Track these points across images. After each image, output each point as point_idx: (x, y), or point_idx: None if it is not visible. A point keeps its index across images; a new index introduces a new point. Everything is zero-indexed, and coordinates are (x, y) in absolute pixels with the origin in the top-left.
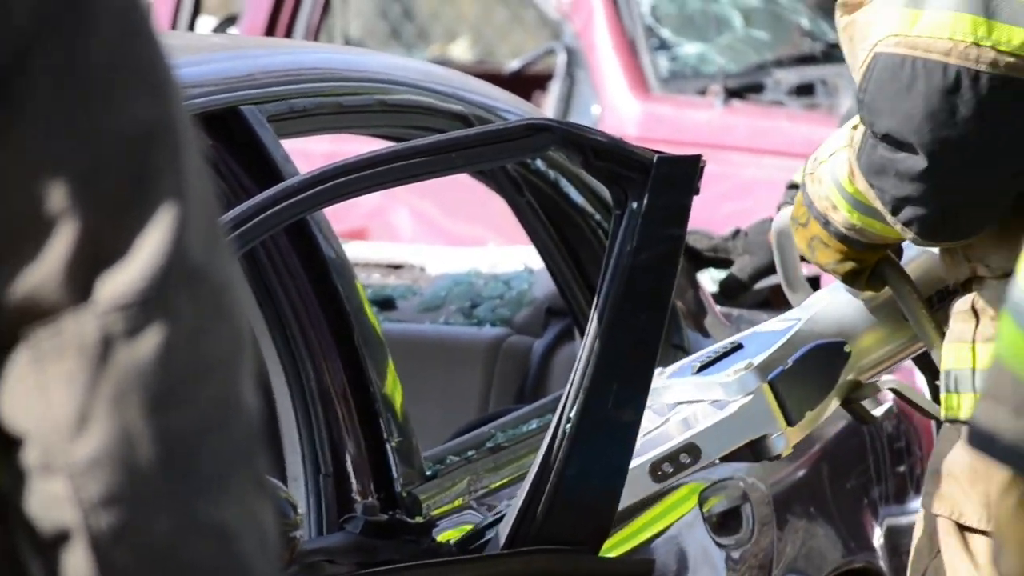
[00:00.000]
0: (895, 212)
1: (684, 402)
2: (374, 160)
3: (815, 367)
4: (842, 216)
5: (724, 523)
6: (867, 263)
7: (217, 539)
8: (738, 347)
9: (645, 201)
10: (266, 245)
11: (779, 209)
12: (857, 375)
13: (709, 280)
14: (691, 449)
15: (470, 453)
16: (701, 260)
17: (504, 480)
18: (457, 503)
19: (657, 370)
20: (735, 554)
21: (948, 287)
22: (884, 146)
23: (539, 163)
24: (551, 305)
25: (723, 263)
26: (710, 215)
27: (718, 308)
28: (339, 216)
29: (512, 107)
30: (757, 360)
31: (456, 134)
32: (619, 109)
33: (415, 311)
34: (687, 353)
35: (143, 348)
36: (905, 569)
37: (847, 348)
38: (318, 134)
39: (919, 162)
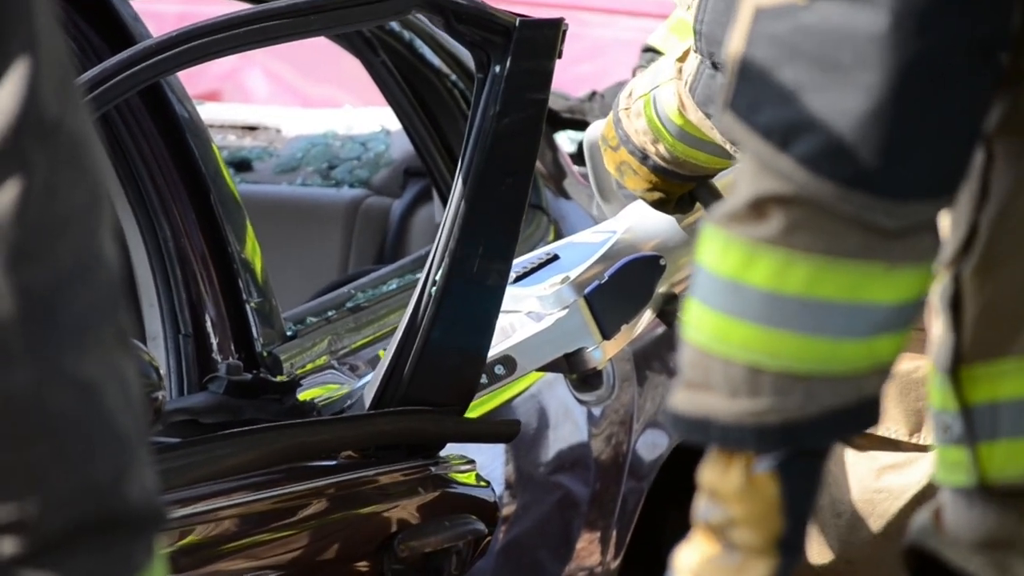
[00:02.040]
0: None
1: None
2: (231, 22)
3: (631, 281)
4: (663, 148)
5: (585, 380)
6: (675, 194)
7: (81, 392)
8: (554, 258)
9: (507, 65)
10: (120, 107)
11: (634, 73)
12: (672, 287)
13: (567, 141)
14: (506, 361)
15: (330, 313)
16: (558, 122)
17: (365, 340)
18: (319, 362)
19: None
20: (596, 411)
21: None
22: (722, 75)
23: (393, 24)
24: (409, 166)
25: (580, 124)
26: (565, 77)
27: (576, 169)
28: (192, 78)
29: None
30: (573, 274)
31: None
32: None
33: (271, 172)
34: (546, 213)
35: None
36: None
37: (662, 261)
38: None
39: None
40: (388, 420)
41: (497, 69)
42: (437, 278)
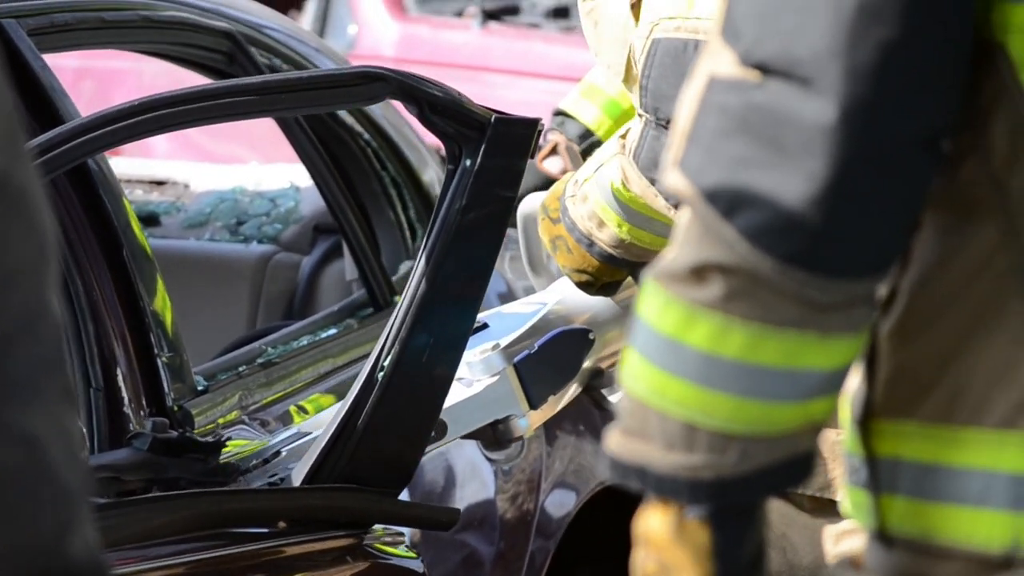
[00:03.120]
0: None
1: None
2: (200, 95)
3: (560, 352)
4: (609, 233)
5: (496, 438)
6: (600, 280)
7: (25, 446)
8: (483, 326)
9: (478, 160)
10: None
11: (545, 136)
12: (599, 362)
13: None
14: (438, 425)
15: (241, 368)
16: None
17: (276, 395)
18: (230, 417)
19: None
20: (504, 468)
21: None
22: (669, 133)
23: None
24: (319, 222)
25: None
26: None
27: None
28: None
29: (278, 26)
30: (504, 342)
31: (288, 75)
32: (375, 29)
33: (179, 227)
34: None
35: None
36: None
37: (591, 335)
38: (80, 49)
39: None
40: (323, 496)
41: (468, 163)
42: (386, 364)
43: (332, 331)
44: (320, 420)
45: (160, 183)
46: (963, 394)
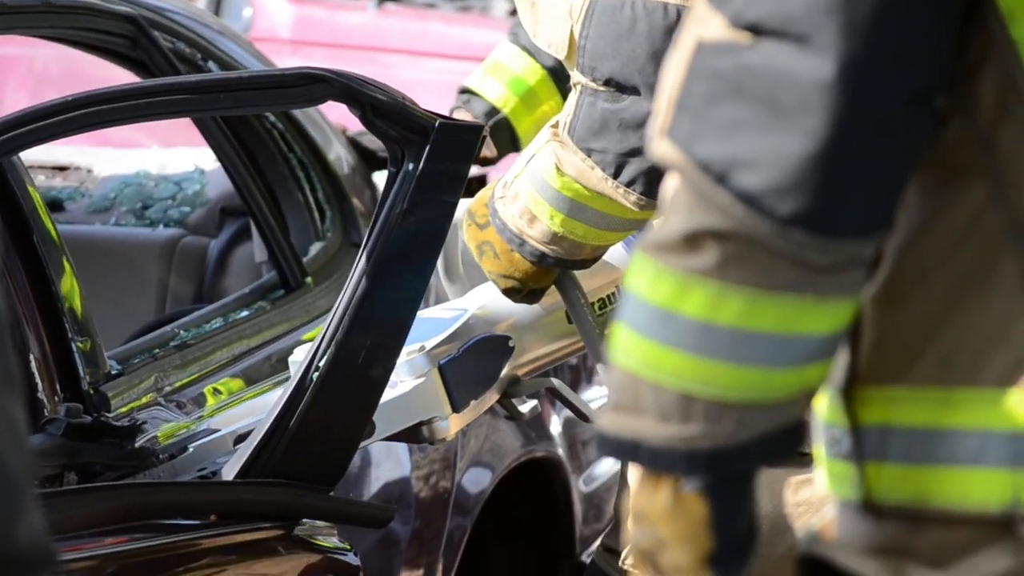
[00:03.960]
0: (618, 171)
1: None
2: (136, 91)
3: (481, 358)
4: (541, 228)
5: None
6: (527, 286)
7: None
8: None
9: (421, 165)
10: None
11: (451, 112)
12: (516, 370)
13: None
14: None
15: (156, 351)
16: (375, 161)
17: (192, 377)
18: (145, 400)
19: (309, 345)
20: (419, 448)
21: (613, 295)
22: (605, 95)
23: (212, 63)
24: (225, 205)
25: None
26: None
27: None
28: None
29: (181, 9)
30: (429, 344)
31: (227, 75)
32: (271, 11)
33: (84, 213)
34: None
35: None
36: (579, 456)
37: (511, 343)
38: None
39: (643, 106)
40: (257, 490)
41: (410, 167)
42: (321, 364)
43: (244, 313)
44: (232, 416)
45: (63, 168)
46: (956, 355)
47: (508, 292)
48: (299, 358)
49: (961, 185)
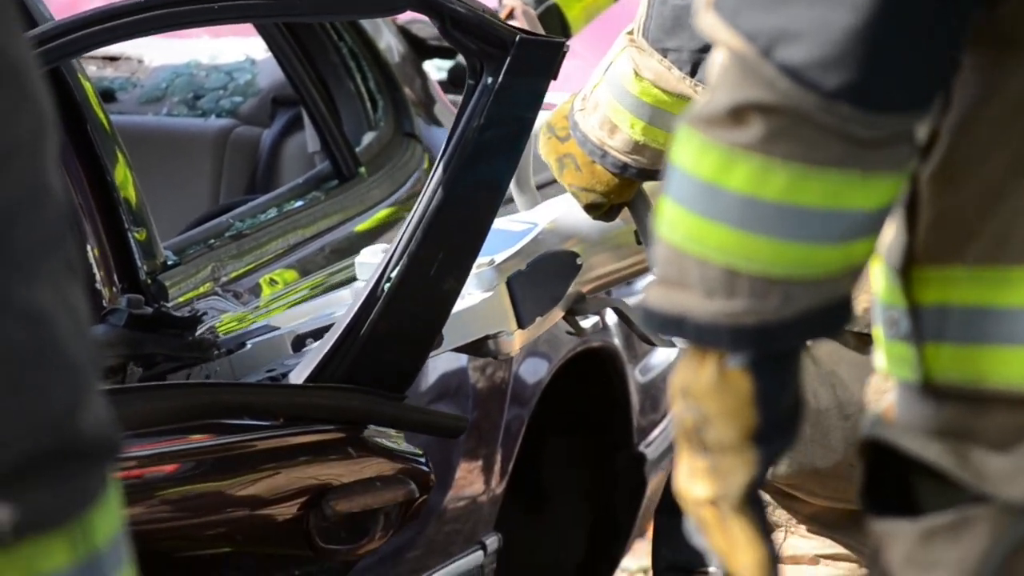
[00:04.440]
0: (695, 68)
1: None
2: None
3: (549, 274)
4: (623, 137)
5: None
6: (609, 200)
7: (31, 322)
8: None
9: (499, 79)
10: None
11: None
12: (581, 287)
13: (434, 69)
14: None
15: (212, 242)
16: (426, 49)
17: (248, 267)
18: (202, 290)
19: (380, 245)
20: None
21: None
22: None
23: None
24: (277, 95)
25: (448, 52)
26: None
27: (446, 96)
28: None
29: None
30: (499, 258)
31: None
32: None
33: (136, 103)
34: (419, 141)
35: None
36: (635, 346)
37: (579, 261)
38: None
39: None
40: (327, 394)
41: (489, 81)
42: (393, 275)
43: (298, 203)
44: (289, 315)
45: (114, 59)
46: (1013, 233)
47: (589, 208)
48: (366, 259)
49: (1017, 60)
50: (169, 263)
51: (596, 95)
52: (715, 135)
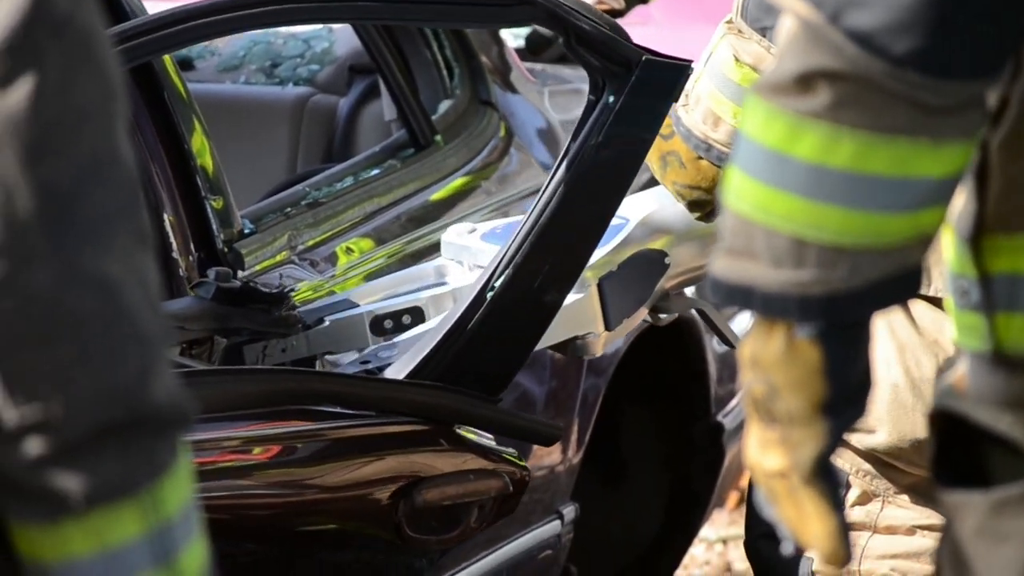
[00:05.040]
0: None
1: None
2: None
3: (638, 275)
4: (726, 128)
5: None
6: (713, 196)
7: (101, 291)
8: None
9: (622, 99)
10: None
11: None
12: (666, 282)
13: (511, 36)
14: None
15: (288, 210)
16: None
17: (324, 236)
18: (278, 258)
19: (465, 225)
20: None
21: None
22: None
23: None
24: (354, 63)
25: None
26: None
27: (522, 64)
28: None
29: None
30: (592, 259)
31: None
32: None
33: (214, 71)
34: (496, 109)
35: (13, 97)
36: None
37: (667, 260)
38: None
39: None
40: (424, 392)
41: (610, 99)
42: (497, 284)
43: (375, 171)
44: (367, 290)
45: None
46: None
47: (693, 205)
48: (452, 239)
49: None
50: (246, 232)
51: (698, 89)
52: (782, 103)
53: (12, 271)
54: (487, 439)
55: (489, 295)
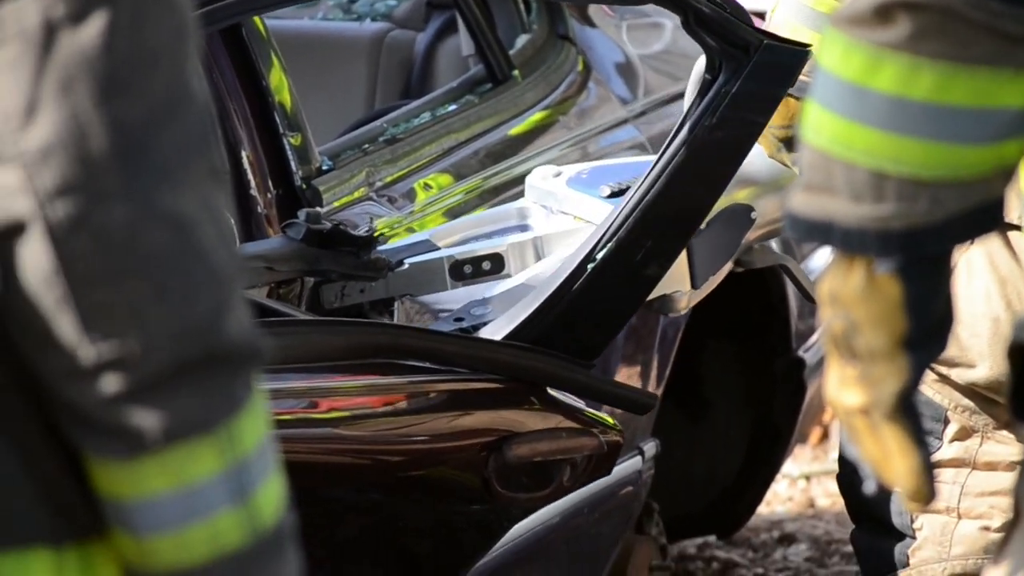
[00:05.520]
0: None
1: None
2: None
3: (725, 232)
4: (810, 64)
5: None
6: None
7: (175, 227)
8: None
9: (738, 83)
10: None
11: None
12: (751, 234)
13: None
14: None
15: (366, 146)
16: None
17: (402, 172)
18: (356, 195)
19: (551, 168)
20: None
21: None
22: None
23: None
24: None
25: None
26: None
27: None
28: None
29: None
30: None
31: None
32: None
33: (292, 8)
34: (574, 44)
35: (86, 34)
36: (793, 250)
37: (753, 215)
38: None
39: None
40: (518, 353)
41: (726, 82)
42: (598, 256)
43: (452, 107)
44: (446, 231)
45: None
46: None
47: (789, 144)
48: (536, 182)
49: None
50: (324, 169)
51: (775, 20)
52: (861, 35)
53: (87, 209)
54: (579, 401)
55: (590, 267)
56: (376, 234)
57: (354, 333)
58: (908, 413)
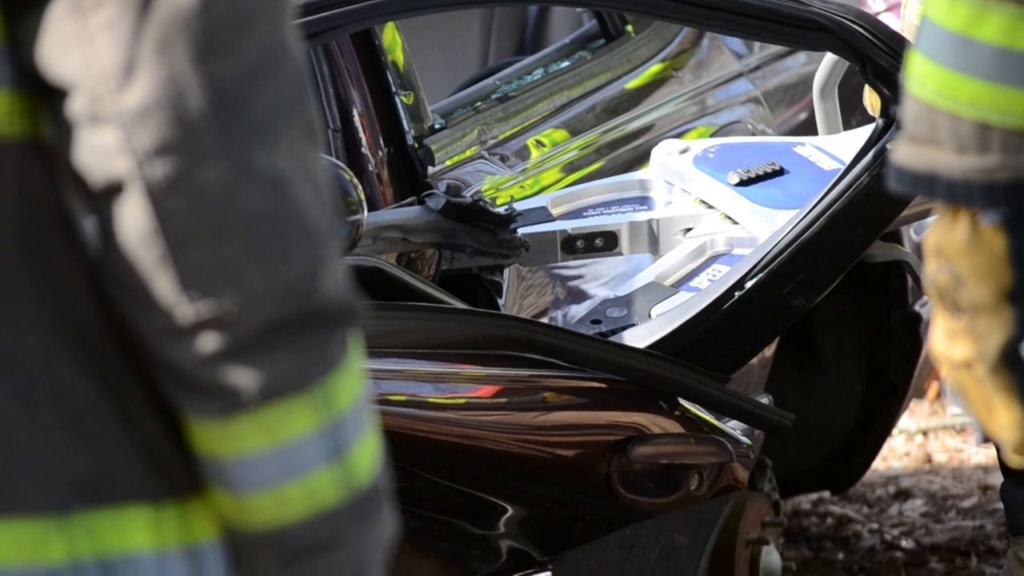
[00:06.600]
0: None
1: (715, 210)
2: None
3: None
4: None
5: None
6: None
7: (271, 187)
8: (780, 171)
9: None
10: None
11: None
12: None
13: None
14: None
15: (478, 104)
16: None
17: (514, 129)
18: (468, 153)
19: (678, 143)
20: None
21: None
22: None
23: None
24: None
25: None
26: None
27: None
28: None
29: None
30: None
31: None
32: None
33: None
34: None
35: None
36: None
37: None
38: None
39: None
40: (652, 362)
41: (897, 129)
42: (747, 285)
43: (565, 63)
44: (561, 198)
45: None
46: None
47: None
48: (661, 156)
49: None
50: (436, 127)
51: (906, 14)
52: None
53: (184, 168)
54: (709, 413)
55: (737, 294)
56: (516, 214)
57: (490, 325)
58: (1013, 366)
